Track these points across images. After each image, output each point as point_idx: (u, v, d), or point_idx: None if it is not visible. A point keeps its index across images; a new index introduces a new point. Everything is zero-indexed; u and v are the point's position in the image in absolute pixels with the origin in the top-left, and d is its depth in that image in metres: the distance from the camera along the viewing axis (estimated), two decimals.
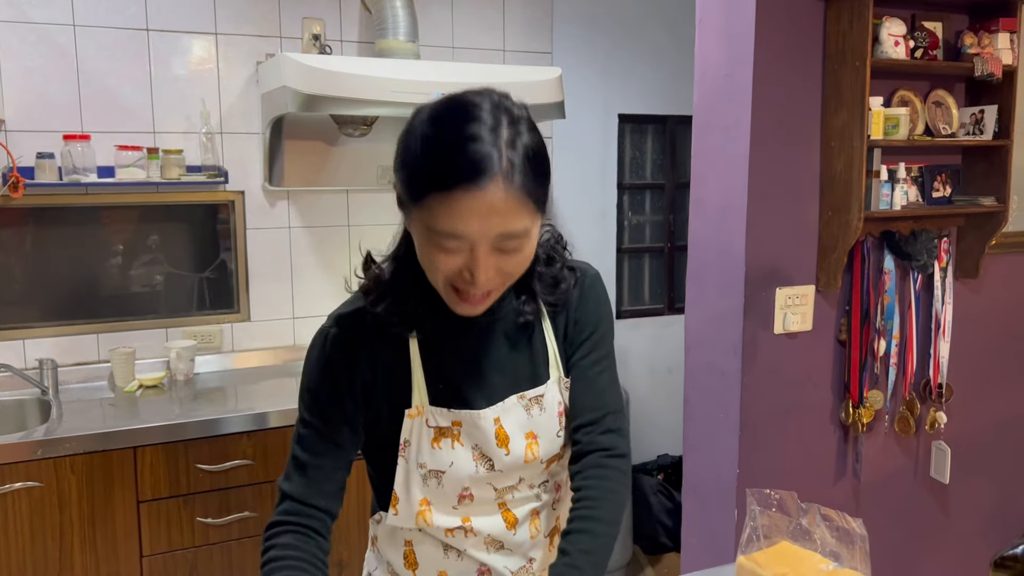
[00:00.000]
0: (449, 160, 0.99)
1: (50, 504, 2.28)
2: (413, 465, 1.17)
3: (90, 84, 2.72)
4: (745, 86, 2.16)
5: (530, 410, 1.20)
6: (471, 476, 1.17)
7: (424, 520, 1.19)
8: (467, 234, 1.01)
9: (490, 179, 0.99)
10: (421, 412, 1.17)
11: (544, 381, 1.22)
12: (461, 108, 1.03)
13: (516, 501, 1.24)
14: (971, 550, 2.66)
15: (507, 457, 1.18)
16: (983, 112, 2.35)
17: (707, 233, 2.33)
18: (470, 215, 0.99)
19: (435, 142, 1.02)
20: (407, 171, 1.04)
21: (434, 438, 1.16)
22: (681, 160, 3.83)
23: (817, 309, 2.32)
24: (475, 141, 0.99)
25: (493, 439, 1.17)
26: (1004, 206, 2.37)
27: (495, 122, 1.02)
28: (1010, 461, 2.71)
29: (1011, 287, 2.61)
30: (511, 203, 1.01)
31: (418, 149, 1.02)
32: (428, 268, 1.08)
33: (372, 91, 2.55)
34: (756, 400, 2.28)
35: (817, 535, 1.25)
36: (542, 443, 1.20)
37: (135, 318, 2.88)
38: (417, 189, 1.02)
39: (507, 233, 1.02)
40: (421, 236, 1.05)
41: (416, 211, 1.03)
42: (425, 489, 1.18)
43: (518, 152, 1.01)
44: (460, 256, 1.04)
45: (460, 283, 1.06)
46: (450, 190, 0.99)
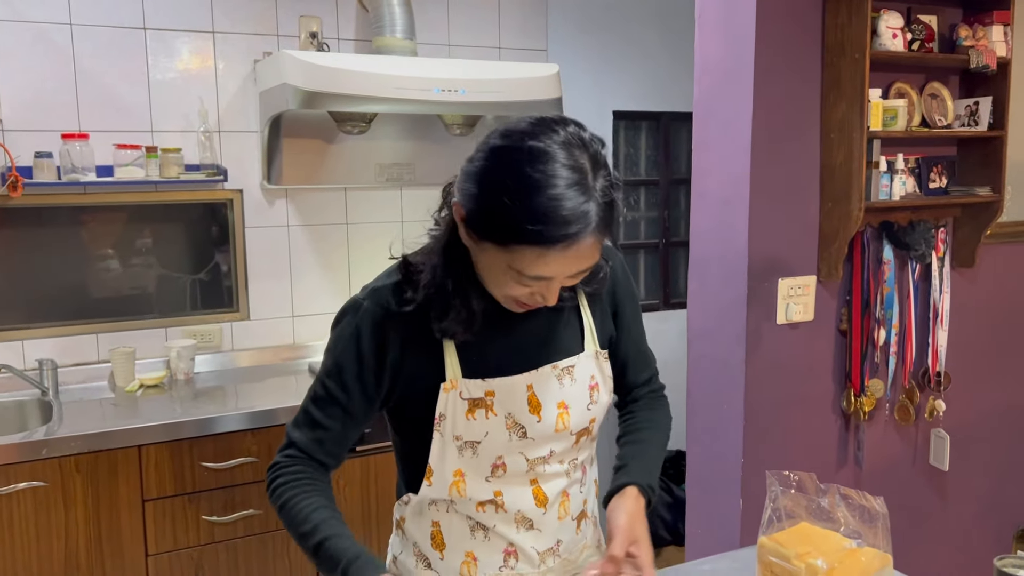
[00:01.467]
0: (549, 220, 1.01)
1: (55, 503, 2.27)
2: (449, 438, 1.20)
3: (87, 83, 2.71)
4: (746, 79, 2.19)
5: (562, 380, 1.24)
6: (505, 444, 1.21)
7: (457, 491, 1.22)
8: (554, 276, 1.08)
9: (586, 235, 1.03)
10: (455, 385, 1.19)
11: (576, 353, 1.27)
12: (550, 145, 1.03)
13: (546, 476, 1.26)
14: (970, 536, 2.70)
15: (539, 424, 1.22)
16: (978, 104, 2.38)
17: (709, 225, 2.35)
18: (559, 263, 1.05)
19: (530, 193, 1.01)
20: (492, 216, 1.05)
21: (468, 410, 1.19)
22: (675, 156, 3.85)
23: (818, 299, 2.35)
24: (575, 199, 1.01)
25: (526, 405, 1.21)
26: (999, 196, 2.41)
27: (584, 172, 1.03)
28: (1007, 448, 2.75)
29: (1006, 276, 2.65)
30: (595, 248, 1.07)
31: (509, 196, 1.02)
32: (496, 287, 1.13)
33: (373, 88, 2.56)
34: (759, 390, 2.30)
35: (837, 515, 1.26)
36: (572, 413, 1.24)
37: (134, 318, 2.87)
38: (506, 236, 1.04)
39: (585, 269, 1.10)
40: (496, 267, 1.09)
41: (496, 249, 1.06)
42: (460, 460, 1.21)
43: (606, 200, 1.05)
44: (534, 285, 1.09)
45: (527, 300, 1.13)
46: (548, 247, 1.02)
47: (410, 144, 3.19)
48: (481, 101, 2.71)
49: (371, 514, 2.65)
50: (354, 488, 2.62)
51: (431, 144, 3.21)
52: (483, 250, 1.09)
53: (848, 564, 1.19)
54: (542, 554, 1.29)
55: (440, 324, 1.16)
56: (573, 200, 1.01)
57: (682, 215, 3.90)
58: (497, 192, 1.03)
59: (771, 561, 1.25)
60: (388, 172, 3.17)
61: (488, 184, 1.05)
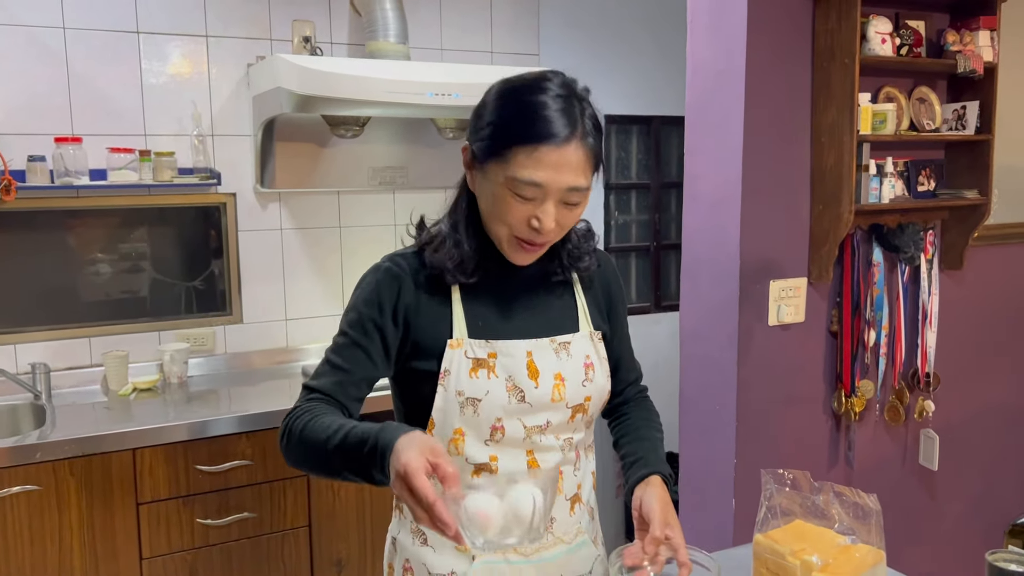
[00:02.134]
0: (539, 120, 1.17)
1: (49, 507, 2.26)
2: (452, 393, 1.27)
3: (80, 86, 2.71)
4: (738, 83, 2.21)
5: (559, 353, 1.33)
6: (504, 407, 1.28)
7: (456, 448, 1.29)
8: (546, 183, 1.18)
9: (571, 139, 1.18)
10: (461, 344, 1.28)
11: (572, 331, 1.36)
12: (543, 80, 1.21)
13: (542, 448, 1.32)
14: (959, 535, 2.73)
15: (536, 391, 1.30)
16: (965, 108, 2.42)
17: (701, 228, 2.38)
18: (550, 167, 1.17)
19: (524, 105, 1.18)
20: (492, 130, 1.20)
21: (472, 368, 1.27)
22: (666, 160, 3.88)
23: (809, 301, 2.37)
24: (560, 106, 1.18)
25: (525, 370, 1.29)
26: (986, 199, 2.44)
27: (570, 93, 1.21)
28: (995, 447, 2.79)
29: (994, 278, 2.68)
30: (582, 160, 1.19)
31: (506, 111, 1.20)
32: (498, 217, 1.23)
33: (367, 92, 2.57)
34: (751, 391, 2.32)
35: (831, 512, 1.28)
36: (568, 386, 1.32)
37: (127, 321, 2.86)
38: (503, 144, 1.18)
39: (575, 187, 1.20)
40: (497, 188, 1.21)
41: (496, 165, 1.20)
42: (461, 418, 1.28)
43: (589, 120, 1.21)
44: (530, 206, 1.20)
45: (525, 233, 1.23)
46: (537, 145, 1.16)
47: (403, 148, 3.20)
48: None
49: (365, 513, 2.65)
50: (349, 493, 2.62)
51: (424, 148, 3.22)
52: (486, 177, 1.22)
53: (842, 560, 1.21)
54: None
55: (434, 259, 1.28)
56: (561, 107, 1.18)
57: (673, 218, 3.93)
58: (493, 111, 1.22)
59: (767, 558, 1.27)
60: (381, 175, 3.18)
61: (487, 110, 1.23)
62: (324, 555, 2.61)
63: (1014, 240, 2.71)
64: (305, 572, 2.59)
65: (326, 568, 2.62)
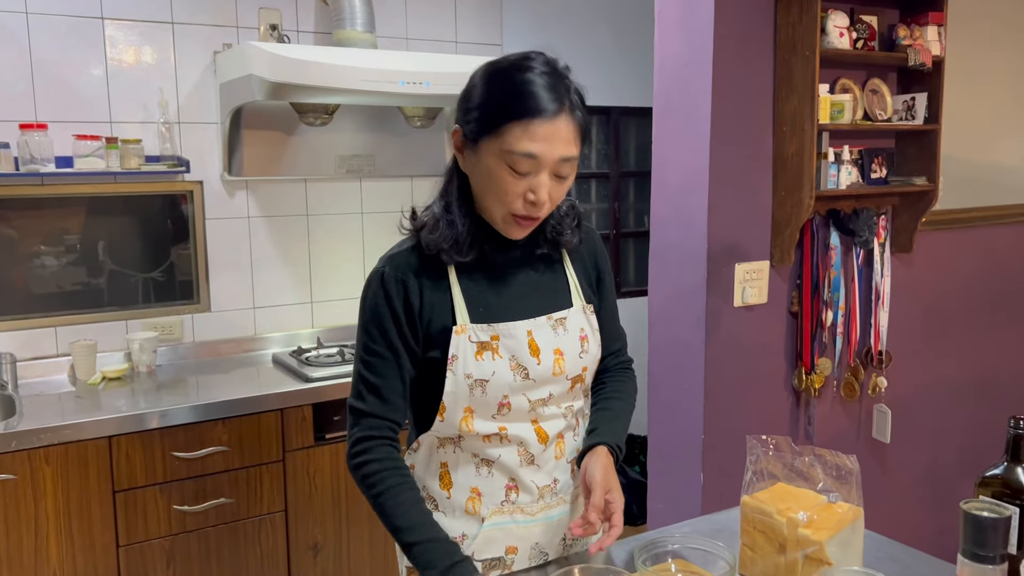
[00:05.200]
0: (530, 96, 1.23)
1: (24, 496, 2.25)
2: (461, 376, 1.33)
3: (44, 73, 2.67)
4: (705, 75, 2.30)
5: (556, 329, 1.40)
6: (510, 385, 1.35)
7: (466, 425, 1.36)
8: (540, 154, 1.24)
9: (560, 112, 1.25)
10: (464, 329, 1.34)
11: (567, 307, 1.43)
12: (528, 60, 1.28)
13: (546, 417, 1.40)
14: (907, 503, 2.89)
15: (539, 367, 1.36)
16: (914, 99, 2.55)
17: (669, 213, 2.46)
18: (543, 139, 1.24)
19: (515, 83, 1.25)
20: (485, 108, 1.26)
21: (477, 351, 1.33)
22: (625, 149, 3.97)
23: (771, 283, 2.48)
24: (547, 82, 1.25)
25: (527, 348, 1.36)
26: (934, 186, 2.58)
27: (554, 70, 1.29)
28: (942, 421, 2.95)
29: (940, 261, 2.84)
30: (572, 132, 1.27)
31: (497, 90, 1.26)
32: (494, 196, 1.29)
33: (339, 79, 2.59)
34: (718, 369, 2.42)
35: (813, 473, 1.38)
36: (567, 359, 1.39)
37: (93, 311, 2.84)
38: (497, 121, 1.24)
39: (567, 157, 1.27)
40: (492, 163, 1.26)
41: (490, 142, 1.26)
42: (471, 398, 1.34)
43: (575, 94, 1.29)
44: (525, 180, 1.27)
45: (522, 209, 1.29)
46: (531, 119, 1.23)
47: (370, 136, 3.22)
48: (444, 93, 2.76)
49: (341, 498, 2.69)
50: (323, 479, 2.65)
51: (391, 136, 3.25)
52: (479, 156, 1.28)
53: (825, 517, 1.30)
54: (541, 489, 1.42)
55: (430, 239, 1.32)
56: (548, 83, 1.25)
57: (631, 207, 4.03)
58: (484, 91, 1.28)
59: (754, 518, 1.36)
60: (348, 164, 3.20)
61: (477, 91, 1.29)
62: (300, 539, 2.64)
63: (959, 225, 2.87)
64: (282, 556, 2.62)
65: (303, 552, 2.65)
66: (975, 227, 2.93)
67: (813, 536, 1.28)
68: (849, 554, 1.31)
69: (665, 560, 1.38)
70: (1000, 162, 3.02)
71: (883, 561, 1.40)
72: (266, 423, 2.56)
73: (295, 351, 2.98)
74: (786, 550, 1.31)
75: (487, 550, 1.40)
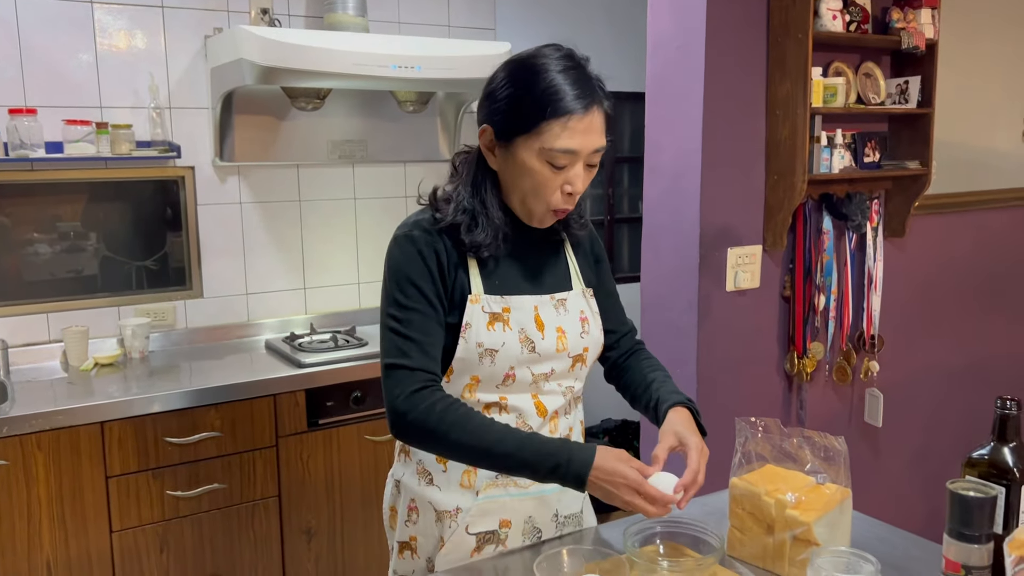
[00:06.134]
0: (564, 94, 1.28)
1: (16, 482, 2.25)
2: (472, 344, 1.37)
3: (33, 57, 2.65)
4: (697, 58, 2.29)
5: (558, 309, 1.45)
6: (517, 357, 1.39)
7: (469, 391, 1.40)
8: (579, 148, 1.30)
9: (592, 105, 1.31)
10: (479, 299, 1.38)
11: (567, 290, 1.49)
12: (551, 56, 1.32)
13: (545, 392, 1.45)
14: (899, 487, 2.90)
15: (543, 342, 1.41)
16: (908, 82, 2.54)
17: (662, 198, 2.46)
18: (580, 134, 1.29)
19: (546, 82, 1.29)
20: (519, 108, 1.31)
21: (489, 321, 1.38)
22: (620, 134, 3.96)
23: (764, 268, 2.48)
24: (575, 77, 1.30)
25: (533, 323, 1.41)
26: (927, 169, 2.58)
27: (577, 64, 1.33)
28: (934, 405, 2.95)
29: (932, 245, 2.84)
30: (602, 123, 1.33)
31: (530, 90, 1.30)
32: (534, 190, 1.34)
33: (330, 63, 2.57)
34: (710, 354, 2.42)
35: (801, 455, 1.38)
36: (569, 338, 1.44)
37: (85, 297, 2.83)
38: (534, 120, 1.29)
39: (599, 148, 1.33)
40: (531, 161, 1.31)
41: (527, 140, 1.30)
42: (479, 367, 1.38)
43: (599, 85, 1.34)
44: (562, 174, 1.32)
45: (561, 203, 1.35)
46: (569, 116, 1.28)
47: (362, 121, 3.21)
48: (436, 78, 2.75)
49: (334, 483, 2.69)
50: (317, 464, 2.65)
51: (383, 121, 3.24)
52: (514, 153, 1.32)
53: (813, 498, 1.31)
54: None
55: (472, 237, 1.36)
56: (577, 77, 1.30)
57: (625, 192, 4.02)
58: (515, 90, 1.31)
59: (743, 499, 1.36)
60: (340, 149, 3.19)
61: (507, 90, 1.32)
62: (294, 524, 2.65)
63: (951, 209, 2.87)
64: (275, 541, 2.62)
65: (296, 537, 2.65)
66: (968, 211, 2.93)
67: (801, 517, 1.28)
68: (837, 535, 1.32)
69: (654, 542, 1.38)
70: (993, 146, 3.01)
71: (871, 541, 1.41)
72: (259, 409, 2.55)
73: (288, 337, 2.97)
74: (774, 531, 1.31)
75: (481, 523, 1.43)
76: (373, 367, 2.71)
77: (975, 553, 1.10)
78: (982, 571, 1.10)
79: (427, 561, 1.47)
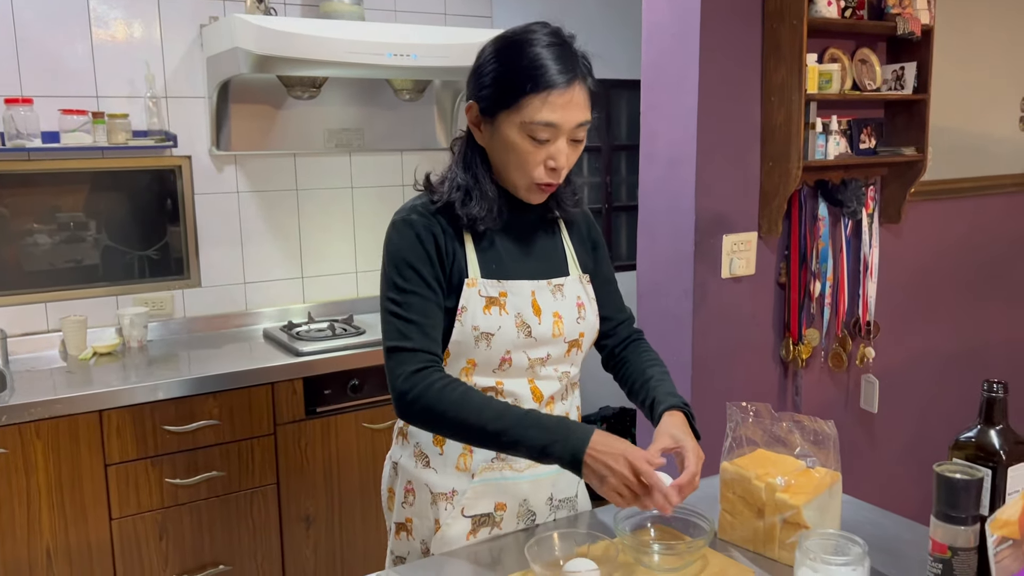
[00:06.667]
0: (545, 69, 1.29)
1: (15, 470, 2.26)
2: (468, 328, 1.38)
3: (29, 47, 2.65)
4: (692, 44, 2.29)
5: (555, 294, 1.46)
6: (513, 340, 1.39)
7: (465, 375, 1.41)
8: (559, 122, 1.30)
9: (574, 80, 1.31)
10: (475, 283, 1.39)
11: (564, 275, 1.49)
12: (536, 32, 1.34)
13: (541, 376, 1.45)
14: (895, 472, 2.91)
15: (540, 327, 1.42)
16: (903, 68, 2.54)
17: (657, 186, 2.46)
18: (561, 108, 1.30)
19: (528, 57, 1.31)
20: (501, 83, 1.32)
21: (485, 305, 1.39)
22: (617, 122, 3.96)
23: (759, 254, 2.48)
24: (558, 53, 1.31)
25: (530, 308, 1.42)
26: (923, 155, 2.58)
27: (562, 40, 1.34)
28: (930, 391, 2.96)
29: (928, 231, 2.84)
30: (585, 98, 1.33)
31: (512, 64, 1.31)
32: (517, 166, 1.35)
33: (325, 52, 2.57)
34: (706, 341, 2.43)
35: (791, 439, 1.39)
36: (565, 323, 1.45)
37: (83, 286, 2.84)
38: (515, 94, 1.30)
39: (582, 122, 1.33)
40: (513, 136, 1.32)
41: (509, 115, 1.32)
42: (476, 351, 1.39)
43: (583, 61, 1.35)
44: (544, 149, 1.33)
45: (544, 177, 1.36)
46: (549, 90, 1.29)
47: (359, 110, 3.21)
48: (432, 66, 2.75)
49: (332, 470, 2.70)
50: (315, 451, 2.67)
51: (380, 110, 3.24)
52: (498, 128, 1.34)
53: (803, 481, 1.32)
54: None
55: (467, 211, 1.37)
56: (561, 52, 1.31)
57: (623, 180, 4.02)
58: (498, 65, 1.33)
59: (733, 483, 1.37)
60: (337, 138, 3.19)
61: (490, 66, 1.34)
62: (293, 511, 2.66)
63: (947, 195, 2.87)
64: (274, 529, 2.64)
65: (295, 524, 2.67)
66: (964, 197, 2.93)
67: (791, 500, 1.29)
68: (827, 518, 1.33)
69: (645, 526, 1.39)
70: (989, 132, 3.01)
71: (861, 524, 1.42)
72: (257, 397, 2.57)
73: (286, 326, 2.98)
74: (764, 515, 1.32)
75: (477, 505, 1.44)
76: (371, 355, 2.72)
77: (961, 535, 1.11)
78: (968, 553, 1.11)
79: (422, 543, 1.48)
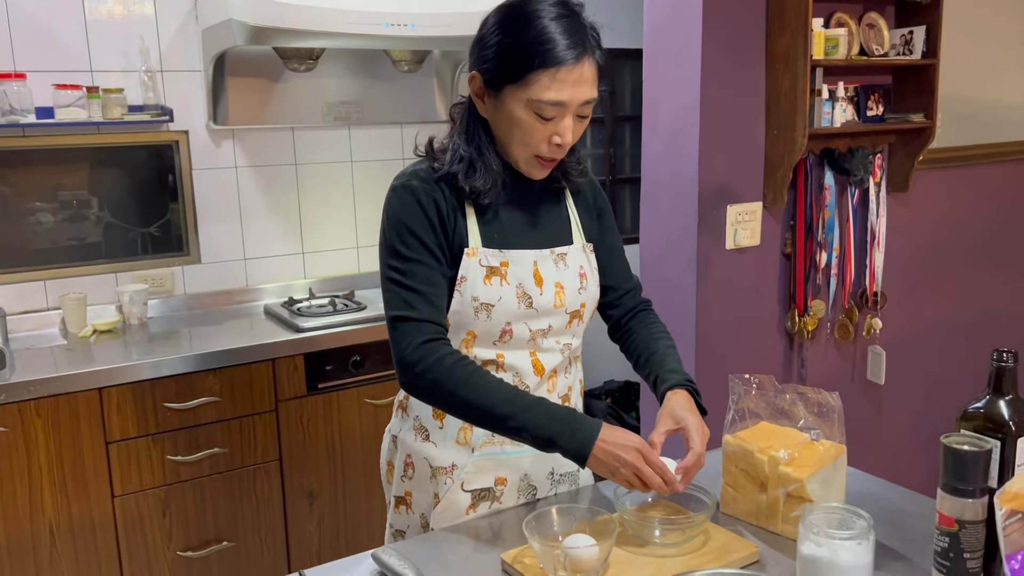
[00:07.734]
0: (554, 44, 1.24)
1: (16, 448, 2.25)
2: (468, 298, 1.35)
3: (21, 20, 2.61)
4: (695, 10, 2.24)
5: (557, 264, 1.42)
6: (514, 312, 1.36)
7: (466, 347, 1.39)
8: (568, 100, 1.26)
9: (583, 56, 1.26)
10: (476, 253, 1.35)
11: (568, 244, 1.45)
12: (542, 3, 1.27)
13: (543, 349, 1.42)
14: (902, 444, 2.89)
15: (541, 297, 1.39)
16: (912, 33, 2.48)
17: (660, 156, 2.42)
18: (570, 85, 1.25)
19: (536, 30, 1.24)
20: (507, 56, 1.26)
21: (486, 275, 1.35)
22: (620, 93, 3.90)
23: (764, 225, 2.44)
24: (567, 26, 1.25)
25: (532, 278, 1.38)
26: (932, 122, 2.53)
27: (571, 12, 1.28)
28: (937, 361, 2.93)
29: (936, 200, 2.79)
30: (593, 74, 1.28)
31: (519, 38, 1.25)
32: (520, 140, 1.31)
33: (321, 22, 2.53)
34: (710, 313, 2.40)
35: (795, 411, 1.36)
36: (567, 294, 1.42)
37: (83, 264, 2.82)
38: (522, 70, 1.25)
39: (590, 99, 1.28)
40: (518, 111, 1.28)
41: (515, 90, 1.27)
42: (476, 322, 1.36)
43: (592, 33, 1.29)
44: (550, 125, 1.28)
45: (547, 152, 1.31)
46: (558, 67, 1.24)
47: (357, 82, 3.16)
48: (430, 36, 2.70)
49: (335, 446, 2.70)
50: (317, 426, 2.66)
51: (379, 82, 3.19)
52: (503, 102, 1.29)
53: (807, 454, 1.29)
54: None
55: (471, 183, 1.32)
56: (569, 25, 1.25)
57: (627, 152, 3.97)
58: (504, 37, 1.27)
59: (736, 456, 1.35)
60: (336, 111, 3.15)
61: (496, 37, 1.28)
62: (296, 487, 2.66)
63: (956, 163, 2.82)
64: (278, 504, 2.64)
65: (298, 499, 2.67)
66: (973, 165, 2.88)
67: (794, 474, 1.27)
68: (831, 491, 1.30)
69: (646, 500, 1.37)
70: (999, 98, 2.95)
71: (866, 498, 1.40)
72: (258, 373, 2.55)
73: (287, 302, 2.96)
74: (767, 488, 1.30)
75: (477, 480, 1.42)
76: (372, 331, 2.70)
77: (969, 507, 1.08)
78: (976, 526, 1.09)
79: (421, 517, 1.47)
